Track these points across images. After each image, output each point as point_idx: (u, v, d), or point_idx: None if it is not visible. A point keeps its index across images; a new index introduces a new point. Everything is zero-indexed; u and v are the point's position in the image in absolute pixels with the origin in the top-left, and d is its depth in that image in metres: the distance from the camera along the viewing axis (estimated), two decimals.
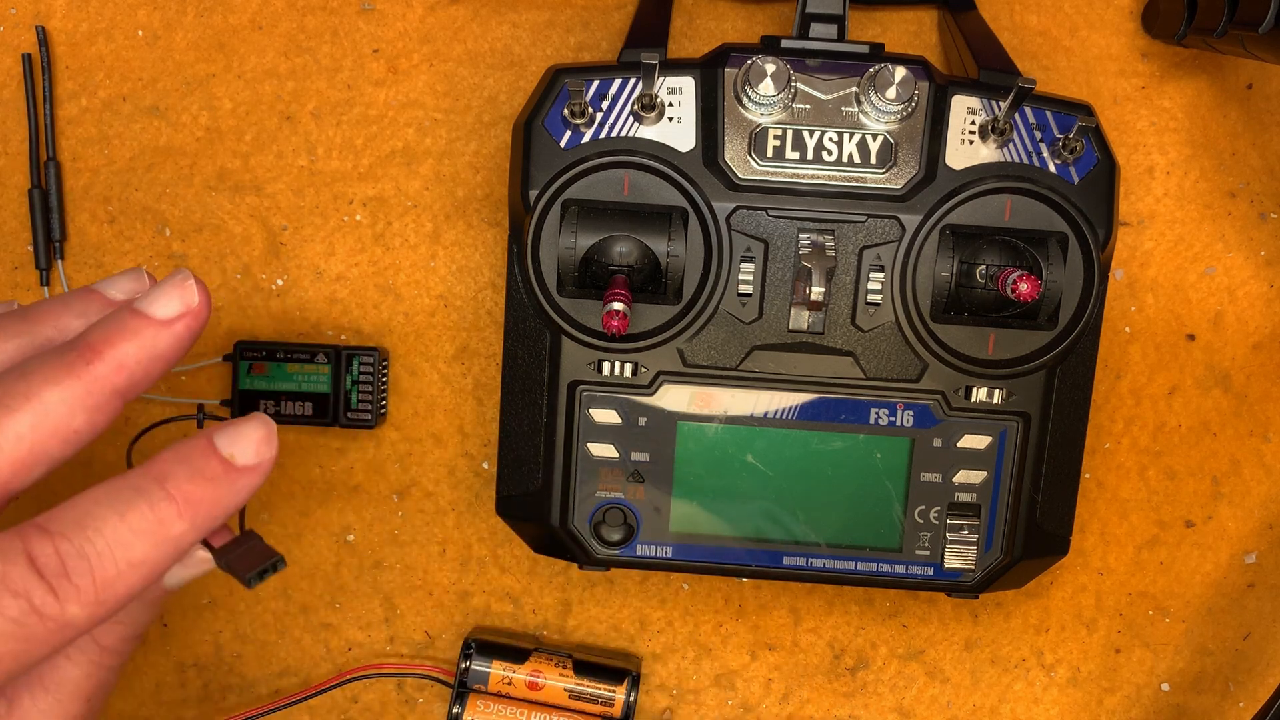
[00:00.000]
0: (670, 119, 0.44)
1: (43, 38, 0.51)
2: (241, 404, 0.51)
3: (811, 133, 0.44)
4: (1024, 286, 0.42)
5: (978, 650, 0.53)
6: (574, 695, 0.50)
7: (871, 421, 0.46)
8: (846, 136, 0.44)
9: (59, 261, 0.52)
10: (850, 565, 0.47)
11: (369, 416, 0.50)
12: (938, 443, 0.46)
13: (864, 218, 0.44)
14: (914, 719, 0.53)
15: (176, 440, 0.32)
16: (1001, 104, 0.44)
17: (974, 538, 0.47)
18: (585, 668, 0.50)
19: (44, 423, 0.30)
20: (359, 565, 0.53)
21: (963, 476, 0.47)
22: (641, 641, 0.53)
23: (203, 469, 0.31)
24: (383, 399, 0.51)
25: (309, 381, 0.50)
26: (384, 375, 0.51)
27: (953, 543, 0.47)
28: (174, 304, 0.32)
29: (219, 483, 0.31)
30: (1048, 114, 0.45)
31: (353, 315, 0.52)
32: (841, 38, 0.46)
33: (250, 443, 0.32)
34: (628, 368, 0.46)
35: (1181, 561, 0.53)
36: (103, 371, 0.31)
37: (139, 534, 0.30)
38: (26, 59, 0.51)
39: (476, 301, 0.52)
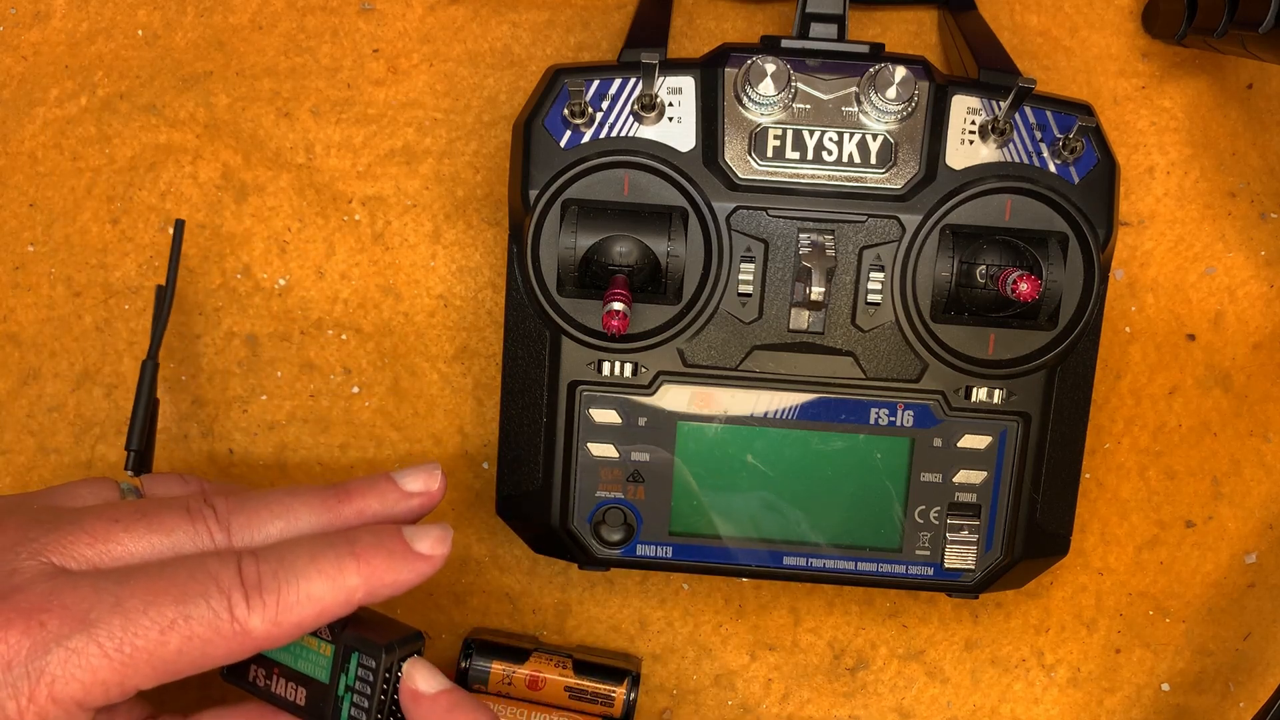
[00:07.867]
0: (670, 119, 0.44)
1: None
2: None
3: (811, 133, 0.44)
4: (1024, 286, 0.42)
5: (978, 650, 0.53)
6: (574, 694, 0.50)
7: (871, 421, 0.46)
8: (846, 136, 0.44)
9: None
10: (850, 565, 0.47)
11: None
12: (938, 443, 0.46)
13: (864, 218, 0.44)
14: (914, 719, 0.53)
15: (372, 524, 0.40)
16: (1001, 104, 0.44)
17: (974, 538, 0.47)
18: (585, 667, 0.50)
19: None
20: None
21: (963, 476, 0.47)
22: (641, 642, 0.53)
23: (387, 544, 0.38)
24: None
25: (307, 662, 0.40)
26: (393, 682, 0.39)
27: (953, 543, 0.47)
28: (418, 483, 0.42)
29: (396, 558, 0.38)
30: (1048, 114, 0.45)
31: (353, 315, 0.52)
32: (841, 38, 0.46)
33: (429, 538, 0.39)
34: (628, 368, 0.46)
35: (1181, 561, 0.53)
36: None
37: (322, 575, 0.37)
38: None
39: (476, 301, 0.52)
